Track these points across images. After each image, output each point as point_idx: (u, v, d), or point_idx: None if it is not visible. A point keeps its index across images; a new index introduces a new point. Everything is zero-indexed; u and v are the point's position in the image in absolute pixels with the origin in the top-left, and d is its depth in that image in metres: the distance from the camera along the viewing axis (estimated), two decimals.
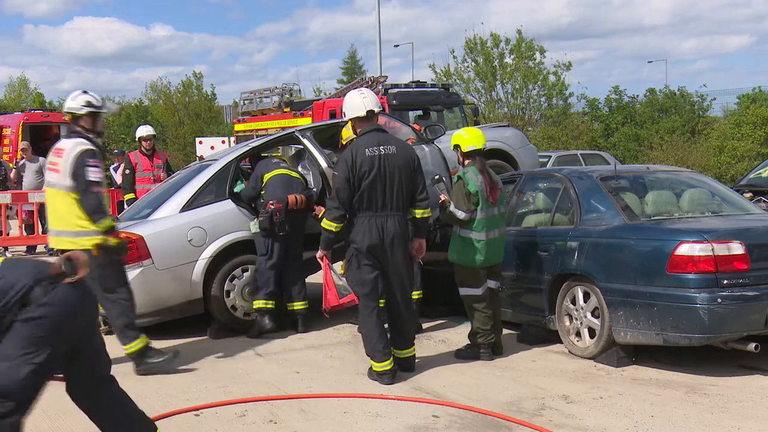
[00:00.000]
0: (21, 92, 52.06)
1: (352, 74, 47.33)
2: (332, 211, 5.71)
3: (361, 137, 5.81)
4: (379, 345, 5.70)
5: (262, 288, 7.19)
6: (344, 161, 5.69)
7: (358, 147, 5.70)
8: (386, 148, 5.72)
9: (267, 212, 7.13)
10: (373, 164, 5.64)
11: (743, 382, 5.56)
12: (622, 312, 5.83)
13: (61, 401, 5.40)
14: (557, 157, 20.29)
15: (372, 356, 5.74)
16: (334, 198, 5.74)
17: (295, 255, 7.41)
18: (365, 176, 5.62)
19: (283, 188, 7.29)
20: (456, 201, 6.25)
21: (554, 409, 5.05)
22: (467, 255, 6.28)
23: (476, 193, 6.24)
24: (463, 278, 6.37)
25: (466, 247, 6.28)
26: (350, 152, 5.70)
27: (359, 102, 5.82)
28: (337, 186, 5.70)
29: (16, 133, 19.46)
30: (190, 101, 37.84)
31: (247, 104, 23.28)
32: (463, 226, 6.27)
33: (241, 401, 5.30)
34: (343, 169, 5.66)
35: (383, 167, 5.67)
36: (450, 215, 6.27)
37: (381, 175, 5.66)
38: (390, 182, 5.70)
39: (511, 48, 30.62)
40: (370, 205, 5.68)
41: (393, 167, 5.71)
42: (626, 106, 33.87)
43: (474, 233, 6.25)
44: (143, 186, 10.46)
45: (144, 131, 11.00)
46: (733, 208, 6.75)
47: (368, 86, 18.50)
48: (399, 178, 5.72)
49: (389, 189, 5.70)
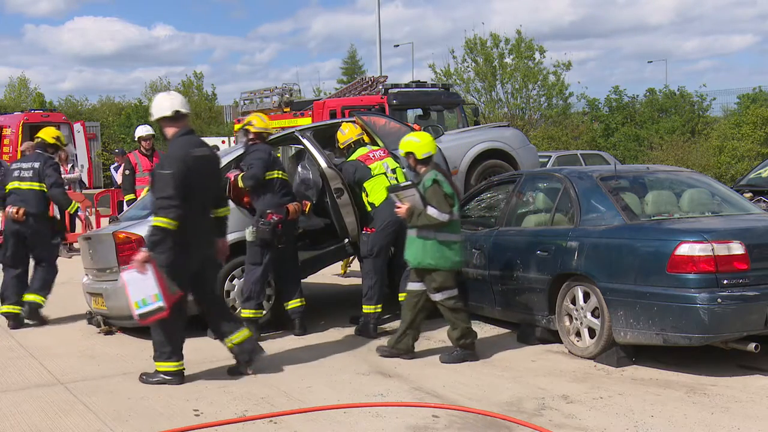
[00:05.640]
0: (21, 92, 52.00)
1: (352, 74, 47.31)
2: (171, 209, 5.55)
3: (183, 138, 5.82)
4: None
5: (253, 298, 7.07)
6: (178, 159, 5.66)
7: (186, 147, 5.74)
8: (204, 150, 5.89)
9: (268, 223, 6.98)
10: (201, 164, 5.74)
11: (743, 382, 5.56)
12: (622, 312, 5.83)
13: (61, 401, 5.42)
14: (557, 157, 20.30)
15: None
16: (172, 195, 5.56)
17: (292, 255, 7.39)
18: (195, 176, 5.67)
19: (280, 197, 7.17)
20: (438, 204, 6.20)
21: (554, 409, 5.05)
22: (446, 258, 6.23)
23: (451, 194, 6.25)
24: (442, 283, 6.27)
25: (444, 250, 6.21)
26: (181, 151, 5.71)
27: (167, 103, 5.87)
28: (175, 183, 5.58)
29: (16, 133, 19.48)
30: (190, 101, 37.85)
31: (247, 104, 23.25)
32: (440, 230, 6.22)
33: (239, 420, 5.29)
34: (179, 167, 5.62)
35: (207, 168, 5.83)
36: (429, 219, 6.18)
37: (206, 175, 5.79)
38: (210, 182, 5.86)
39: (510, 48, 30.65)
40: (197, 204, 5.73)
41: (211, 168, 5.90)
42: (626, 106, 33.87)
43: (453, 235, 6.25)
44: (143, 186, 10.45)
45: (143, 131, 11.00)
46: (733, 208, 6.74)
47: (368, 86, 18.51)
48: (214, 178, 5.95)
49: (211, 189, 5.89)
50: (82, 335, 7.46)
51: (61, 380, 5.95)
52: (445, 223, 6.18)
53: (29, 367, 6.36)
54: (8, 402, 5.41)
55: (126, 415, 5.08)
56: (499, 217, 7.36)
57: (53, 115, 22.35)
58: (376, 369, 6.10)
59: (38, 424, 4.94)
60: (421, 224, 6.21)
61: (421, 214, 6.17)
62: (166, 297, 5.56)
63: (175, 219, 5.51)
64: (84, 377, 5.99)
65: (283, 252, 7.21)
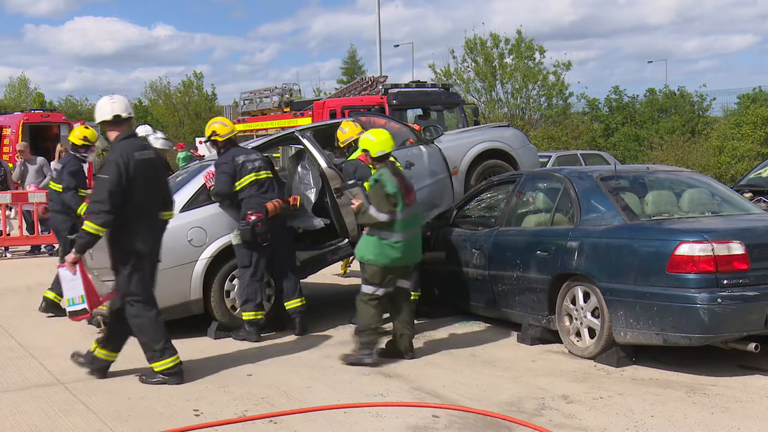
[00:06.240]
0: (21, 92, 52.08)
1: (352, 74, 47.36)
2: (101, 215, 5.56)
3: (124, 142, 5.81)
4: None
5: (250, 300, 7.08)
6: (116, 164, 5.66)
7: (127, 151, 5.73)
8: (148, 153, 5.90)
9: (247, 224, 6.98)
10: (144, 167, 5.74)
11: (743, 382, 5.56)
12: (622, 312, 5.83)
13: (61, 401, 5.42)
14: (557, 157, 20.30)
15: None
16: (104, 201, 5.58)
17: (287, 255, 7.38)
18: (138, 179, 5.68)
19: (260, 196, 7.14)
20: (377, 203, 6.20)
21: (554, 409, 5.05)
22: (386, 255, 6.21)
23: (395, 194, 6.21)
24: (369, 277, 6.29)
25: (383, 248, 6.21)
26: (121, 156, 5.69)
27: (108, 107, 5.88)
28: (110, 189, 5.60)
29: (16, 133, 19.44)
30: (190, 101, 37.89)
31: (247, 104, 23.29)
32: (382, 228, 6.21)
33: (239, 420, 5.29)
34: (116, 173, 5.62)
35: (151, 171, 5.83)
36: (369, 218, 6.20)
37: (150, 178, 5.79)
38: (154, 185, 5.87)
39: (510, 48, 30.66)
40: (142, 208, 5.75)
41: (155, 171, 5.91)
42: (626, 106, 33.88)
43: (394, 235, 6.20)
44: None
45: (143, 131, 10.99)
46: (733, 208, 6.74)
47: (368, 86, 18.53)
48: (158, 181, 5.97)
49: (156, 192, 5.90)
50: (82, 335, 7.45)
51: (61, 380, 5.95)
52: (385, 223, 6.17)
53: (29, 367, 6.36)
54: (8, 402, 5.41)
55: (126, 415, 5.08)
56: (499, 217, 7.36)
57: (53, 115, 22.30)
58: (376, 369, 6.10)
59: (38, 424, 4.94)
60: (362, 222, 6.33)
61: (365, 213, 6.21)
62: (90, 300, 5.68)
63: (102, 226, 5.56)
64: (84, 377, 5.98)
65: (277, 251, 7.21)
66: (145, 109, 43.51)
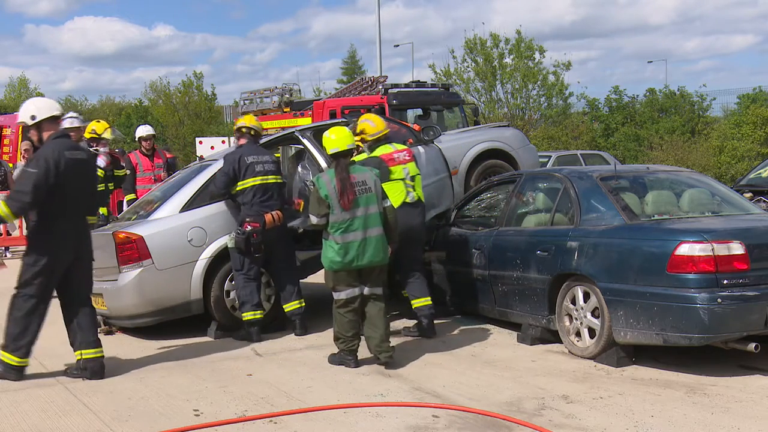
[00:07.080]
0: (21, 92, 52.06)
1: (352, 74, 47.32)
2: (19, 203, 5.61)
3: (56, 140, 5.80)
4: None
5: (248, 301, 7.09)
6: (45, 160, 5.64)
7: (58, 149, 5.71)
8: (80, 153, 5.90)
9: (243, 232, 6.96)
10: (73, 167, 5.74)
11: (743, 382, 5.56)
12: (622, 312, 5.83)
13: (61, 401, 5.42)
14: (557, 157, 20.31)
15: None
16: (27, 193, 5.59)
17: (285, 257, 7.36)
18: (67, 177, 5.67)
19: (260, 204, 7.09)
20: (311, 206, 6.17)
21: (554, 409, 5.05)
22: (328, 259, 6.12)
23: (326, 197, 6.05)
24: (328, 282, 6.22)
25: (327, 251, 6.12)
26: (52, 152, 5.68)
27: (51, 103, 5.93)
28: (35, 183, 5.58)
29: (16, 133, 19.42)
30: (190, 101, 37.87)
31: (247, 104, 23.25)
32: (326, 230, 6.12)
33: (239, 420, 5.29)
34: (44, 167, 5.61)
35: (80, 171, 5.83)
36: (311, 222, 6.18)
37: (78, 178, 5.78)
38: (82, 186, 5.86)
39: (510, 48, 30.67)
40: (66, 207, 5.74)
41: (84, 171, 5.90)
42: (626, 106, 33.90)
43: (331, 237, 6.08)
44: (144, 186, 10.47)
45: (143, 131, 11.01)
46: (733, 208, 6.74)
47: (368, 86, 18.51)
48: (86, 182, 5.96)
49: (83, 193, 5.88)
50: None
51: (61, 380, 5.95)
52: (324, 225, 6.09)
53: (29, 367, 6.35)
54: (8, 402, 5.41)
55: (126, 415, 5.08)
56: (499, 217, 7.36)
57: None
58: (376, 369, 6.10)
59: (38, 424, 4.94)
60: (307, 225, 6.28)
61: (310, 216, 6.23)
62: None
63: (15, 214, 5.64)
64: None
65: (276, 252, 7.21)
66: (145, 109, 43.48)
